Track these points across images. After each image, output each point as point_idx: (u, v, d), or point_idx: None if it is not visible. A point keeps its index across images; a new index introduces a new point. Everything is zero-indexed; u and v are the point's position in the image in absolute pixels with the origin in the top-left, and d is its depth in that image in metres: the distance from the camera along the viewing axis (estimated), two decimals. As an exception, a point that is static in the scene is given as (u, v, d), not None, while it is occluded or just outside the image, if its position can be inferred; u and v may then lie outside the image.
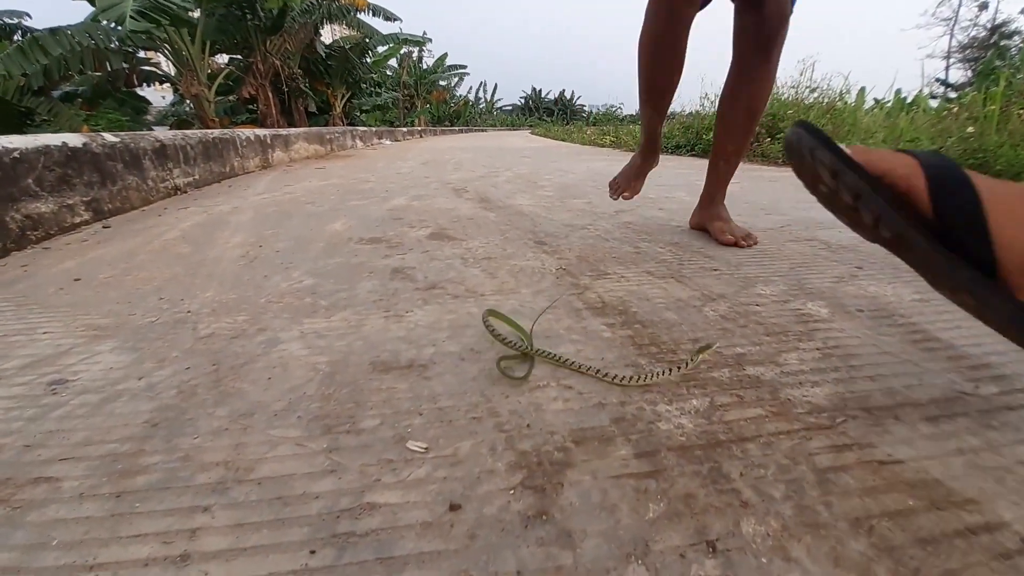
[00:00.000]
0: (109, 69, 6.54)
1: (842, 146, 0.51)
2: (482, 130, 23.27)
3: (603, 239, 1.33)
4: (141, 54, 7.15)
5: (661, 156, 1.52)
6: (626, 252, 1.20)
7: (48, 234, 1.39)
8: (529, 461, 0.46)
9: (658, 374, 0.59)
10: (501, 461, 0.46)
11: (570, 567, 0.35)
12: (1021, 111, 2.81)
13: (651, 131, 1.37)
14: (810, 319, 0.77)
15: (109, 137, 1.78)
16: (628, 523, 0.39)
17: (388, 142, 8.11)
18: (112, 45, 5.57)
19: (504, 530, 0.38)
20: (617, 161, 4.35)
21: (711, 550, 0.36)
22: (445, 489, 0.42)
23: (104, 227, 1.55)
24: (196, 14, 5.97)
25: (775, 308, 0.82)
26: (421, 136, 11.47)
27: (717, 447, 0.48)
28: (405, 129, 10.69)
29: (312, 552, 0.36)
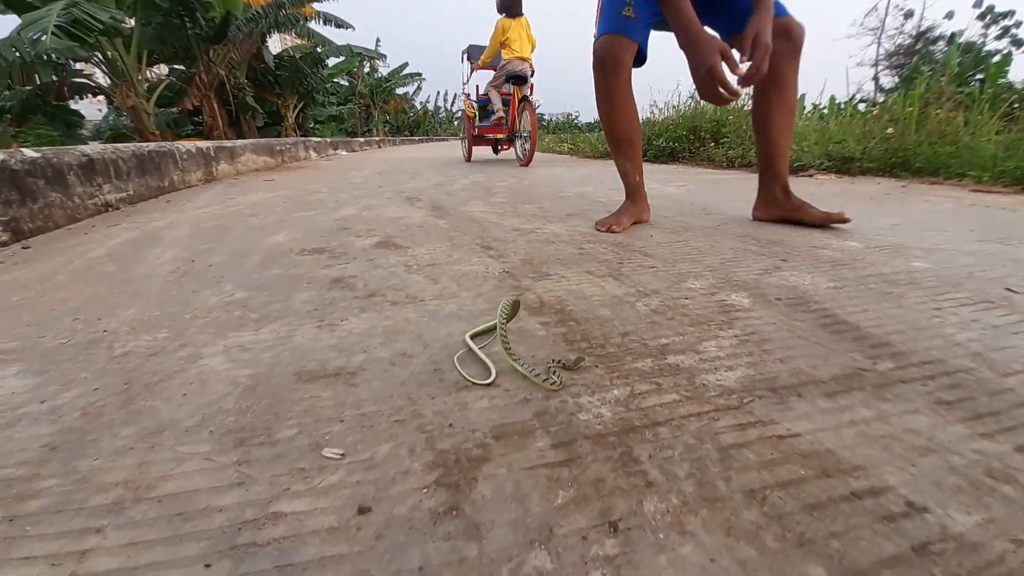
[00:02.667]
0: (38, 82, 6.15)
1: None
2: (443, 139, 23.20)
3: (550, 242, 1.35)
4: (75, 65, 6.76)
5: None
6: (570, 253, 1.22)
7: (-44, 256, 1.29)
8: (447, 459, 0.46)
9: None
10: (418, 461, 0.46)
11: (474, 558, 0.35)
12: (938, 111, 3.05)
13: (628, 182, 1.57)
14: (732, 309, 0.81)
15: (29, 152, 1.67)
16: (537, 511, 0.40)
17: (344, 152, 7.96)
18: (41, 57, 5.24)
19: (412, 528, 0.38)
20: (574, 168, 4.44)
21: (612, 530, 0.37)
22: (357, 493, 0.42)
23: (24, 248, 1.44)
24: (131, 23, 5.71)
25: (702, 300, 0.86)
26: (379, 146, 11.33)
27: (631, 432, 0.49)
28: (363, 139, 10.51)
29: (207, 566, 0.35)
